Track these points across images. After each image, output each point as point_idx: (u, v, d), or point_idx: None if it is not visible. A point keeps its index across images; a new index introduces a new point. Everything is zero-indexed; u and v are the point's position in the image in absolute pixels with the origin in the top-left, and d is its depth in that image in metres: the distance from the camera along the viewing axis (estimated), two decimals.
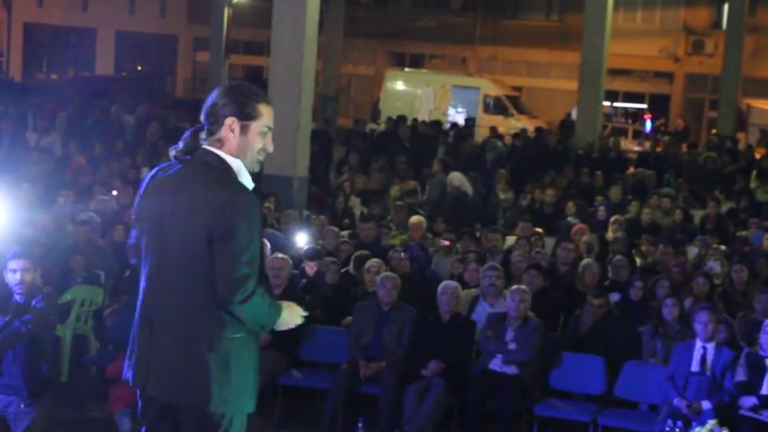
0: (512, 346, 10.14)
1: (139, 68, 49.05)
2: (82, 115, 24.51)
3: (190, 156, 4.94)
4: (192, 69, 48.35)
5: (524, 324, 10.24)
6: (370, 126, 29.42)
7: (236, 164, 4.91)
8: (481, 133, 29.40)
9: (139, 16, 48.37)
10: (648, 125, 38.63)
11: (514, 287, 10.54)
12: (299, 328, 10.55)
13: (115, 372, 9.03)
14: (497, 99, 35.45)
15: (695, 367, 9.59)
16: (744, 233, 16.59)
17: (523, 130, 26.54)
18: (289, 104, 16.21)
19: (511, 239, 14.65)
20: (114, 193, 16.06)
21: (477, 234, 14.95)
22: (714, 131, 31.65)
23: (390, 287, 10.48)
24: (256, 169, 5.04)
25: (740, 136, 31.37)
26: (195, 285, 4.85)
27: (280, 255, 11.14)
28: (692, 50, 39.71)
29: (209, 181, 4.84)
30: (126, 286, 12.39)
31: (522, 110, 35.48)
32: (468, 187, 18.31)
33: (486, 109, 35.18)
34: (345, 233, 14.64)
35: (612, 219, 16.11)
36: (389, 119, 26.58)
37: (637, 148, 25.96)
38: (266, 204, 14.99)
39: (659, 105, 40.66)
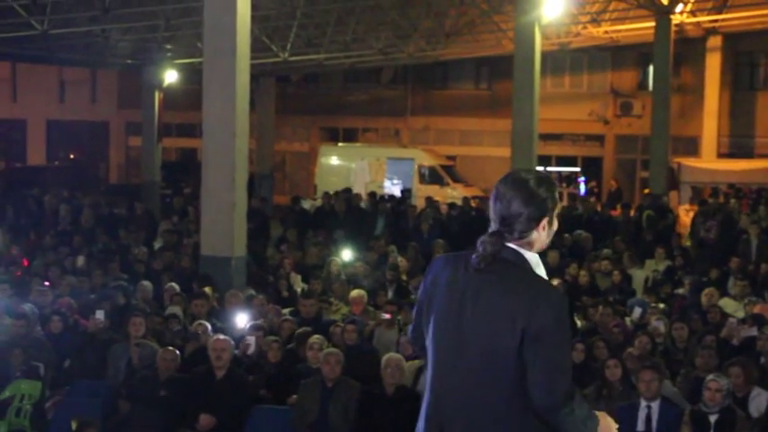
0: None
1: (72, 156, 48.78)
2: (15, 207, 24.32)
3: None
4: (125, 154, 48.18)
5: None
6: (309, 202, 29.47)
7: (533, 258, 4.55)
8: (418, 204, 29.51)
9: (69, 104, 48.20)
10: (582, 188, 39.02)
11: None
12: (243, 409, 10.52)
13: None
14: (432, 169, 35.68)
15: (640, 427, 9.61)
16: (681, 290, 16.75)
17: (452, 205, 26.64)
18: (223, 184, 16.19)
19: None
20: (46, 284, 15.92)
21: None
22: (647, 191, 32.03)
23: (334, 363, 10.44)
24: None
25: (673, 194, 31.79)
26: (498, 394, 4.42)
27: (221, 336, 11.08)
28: (621, 112, 40.28)
29: (513, 278, 4.46)
30: (66, 378, 12.25)
31: (457, 179, 35.72)
32: None
33: (422, 179, 35.36)
34: (287, 310, 14.60)
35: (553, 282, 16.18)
36: (326, 194, 26.62)
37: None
38: (205, 290, 14.92)
39: (592, 168, 41.13)
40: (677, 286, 17.22)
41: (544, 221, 4.55)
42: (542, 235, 4.56)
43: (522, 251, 4.52)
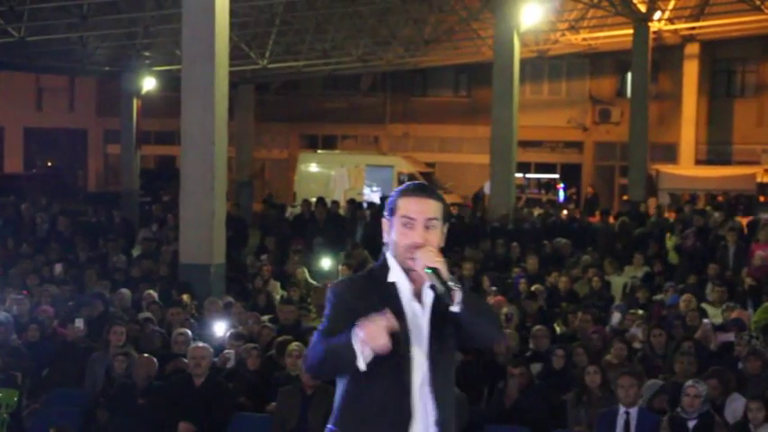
0: None
1: (50, 164, 48.57)
2: None
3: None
4: (104, 162, 48.02)
5: None
6: (288, 209, 29.43)
7: (390, 260, 4.79)
8: None
9: (47, 112, 48.02)
10: (562, 195, 39.09)
11: None
12: (223, 417, 10.47)
13: None
14: (412, 176, 35.62)
15: None
16: (660, 297, 16.79)
17: None
18: (202, 192, 16.16)
19: None
20: (25, 292, 15.84)
21: None
22: (625, 197, 32.13)
23: None
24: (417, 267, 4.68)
25: (652, 201, 31.89)
26: None
27: (201, 344, 11.04)
28: (599, 119, 40.42)
29: None
30: (44, 386, 12.18)
31: (436, 186, 35.71)
32: None
33: None
34: (266, 317, 14.57)
35: (533, 288, 16.24)
36: (305, 201, 26.57)
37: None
38: (184, 298, 14.87)
39: (571, 174, 41.21)
40: (656, 292, 17.26)
41: (384, 222, 4.81)
42: (386, 237, 4.80)
43: (387, 253, 4.82)
